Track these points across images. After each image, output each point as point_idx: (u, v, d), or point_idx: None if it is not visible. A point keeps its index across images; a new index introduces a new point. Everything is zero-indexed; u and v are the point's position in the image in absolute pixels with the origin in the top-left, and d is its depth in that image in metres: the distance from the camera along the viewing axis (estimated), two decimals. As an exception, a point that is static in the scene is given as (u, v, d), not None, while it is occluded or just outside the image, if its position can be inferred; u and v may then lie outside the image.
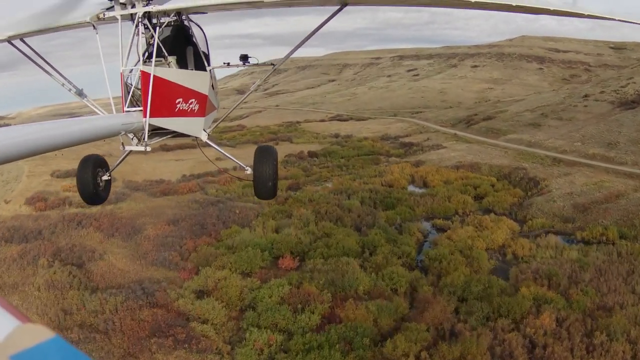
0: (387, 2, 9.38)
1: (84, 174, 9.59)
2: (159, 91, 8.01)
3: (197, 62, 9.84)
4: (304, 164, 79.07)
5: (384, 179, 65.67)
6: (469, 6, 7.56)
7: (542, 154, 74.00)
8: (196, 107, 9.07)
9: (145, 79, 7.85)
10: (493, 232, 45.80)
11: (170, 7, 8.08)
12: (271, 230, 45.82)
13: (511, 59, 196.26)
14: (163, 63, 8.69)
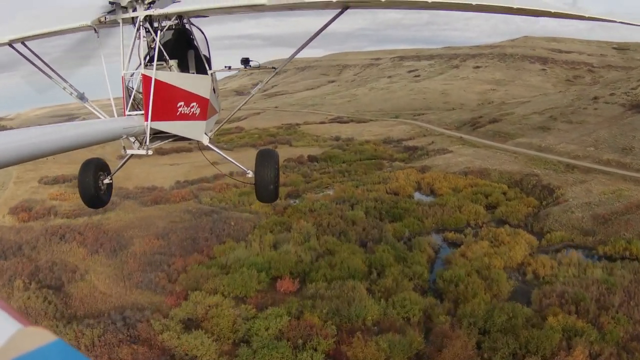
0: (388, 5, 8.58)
1: (85, 177, 9.42)
2: (161, 95, 7.95)
3: (199, 65, 9.67)
4: (304, 169, 74.98)
5: (389, 186, 61.59)
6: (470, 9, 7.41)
7: (554, 159, 69.93)
8: (197, 111, 8.94)
9: (146, 82, 7.77)
10: (511, 247, 41.80)
11: (171, 10, 7.99)
12: (269, 245, 41.70)
13: (514, 59, 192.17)
14: (164, 67, 8.58)
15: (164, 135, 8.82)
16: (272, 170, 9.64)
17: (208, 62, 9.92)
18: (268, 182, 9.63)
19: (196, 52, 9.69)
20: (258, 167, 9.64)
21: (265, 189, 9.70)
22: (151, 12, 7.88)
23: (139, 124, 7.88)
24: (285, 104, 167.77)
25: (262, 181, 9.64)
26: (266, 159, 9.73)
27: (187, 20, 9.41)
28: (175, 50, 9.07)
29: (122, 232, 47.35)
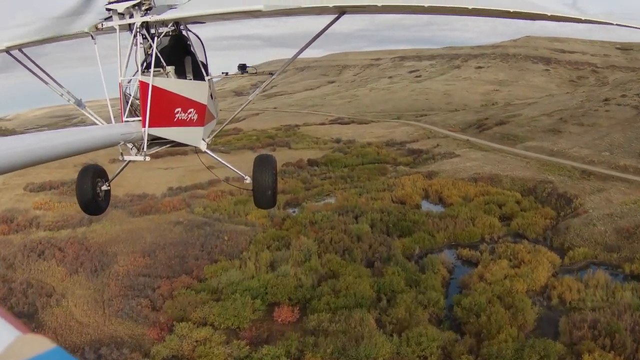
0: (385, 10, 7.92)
1: (83, 184, 9.29)
2: (158, 101, 7.88)
3: (196, 71, 9.57)
4: (304, 174, 70.68)
5: (395, 194, 57.37)
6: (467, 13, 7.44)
7: (567, 164, 65.68)
8: (195, 117, 8.84)
9: (143, 89, 7.74)
10: (533, 268, 37.63)
11: (168, 17, 7.91)
12: (265, 265, 37.43)
13: (516, 59, 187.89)
14: (161, 73, 8.42)
15: (161, 141, 8.68)
16: (269, 176, 9.40)
17: (205, 68, 9.74)
18: (266, 188, 9.39)
19: (193, 58, 9.56)
20: (256, 173, 9.40)
21: (263, 195, 9.46)
22: (148, 18, 7.78)
23: (137, 130, 7.77)
24: (284, 105, 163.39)
25: (260, 187, 9.39)
26: (264, 165, 9.50)
27: (184, 27, 9.29)
28: (172, 57, 8.94)
29: (106, 247, 43.14)
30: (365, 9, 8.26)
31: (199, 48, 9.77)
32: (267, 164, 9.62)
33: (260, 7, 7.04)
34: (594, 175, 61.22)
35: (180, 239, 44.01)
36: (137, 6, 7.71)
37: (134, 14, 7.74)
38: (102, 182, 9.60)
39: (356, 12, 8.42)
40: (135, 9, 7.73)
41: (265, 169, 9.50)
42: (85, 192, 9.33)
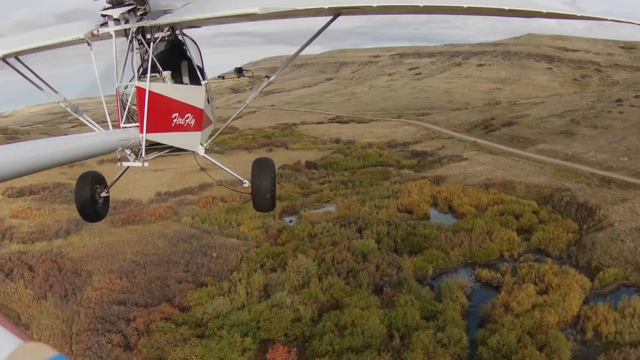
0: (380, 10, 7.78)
1: (82, 191, 9.20)
2: (155, 106, 7.84)
3: (192, 76, 9.48)
4: (302, 177, 65.75)
5: (400, 201, 52.50)
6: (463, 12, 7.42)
7: (585, 170, 60.88)
8: (192, 122, 8.75)
9: (140, 94, 7.70)
10: (564, 294, 32.87)
11: (163, 21, 7.84)
12: (257, 290, 32.52)
13: (518, 57, 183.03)
14: (158, 78, 8.34)
15: (160, 146, 8.61)
16: (268, 180, 9.23)
17: (202, 73, 9.52)
18: (265, 192, 9.23)
19: (189, 63, 9.47)
20: (254, 176, 9.24)
21: (262, 198, 9.29)
22: (143, 23, 7.77)
23: (134, 136, 7.70)
24: (281, 102, 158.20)
25: (259, 190, 9.23)
26: (262, 168, 9.29)
27: (179, 31, 9.10)
28: (169, 62, 8.84)
29: (81, 264, 38.23)
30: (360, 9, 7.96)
31: (195, 52, 9.59)
32: (266, 167, 9.35)
33: (255, 11, 6.96)
34: (614, 183, 56.42)
35: (163, 255, 39.07)
36: (133, 11, 7.62)
37: (130, 19, 7.68)
38: (100, 189, 9.43)
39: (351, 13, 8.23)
40: (131, 15, 7.65)
41: (264, 172, 9.27)
42: (84, 199, 9.15)
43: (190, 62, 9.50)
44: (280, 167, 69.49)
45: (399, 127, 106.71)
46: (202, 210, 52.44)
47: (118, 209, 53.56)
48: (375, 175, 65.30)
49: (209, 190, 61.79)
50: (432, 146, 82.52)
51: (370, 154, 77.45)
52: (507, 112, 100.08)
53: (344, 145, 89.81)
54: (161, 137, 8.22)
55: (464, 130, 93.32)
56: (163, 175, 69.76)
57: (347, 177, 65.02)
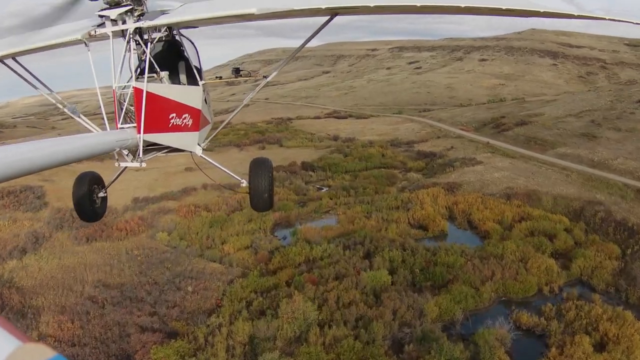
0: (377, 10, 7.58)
1: (80, 191, 9.00)
2: (152, 107, 7.70)
3: (190, 76, 9.31)
4: (297, 181, 57.52)
5: (412, 214, 44.46)
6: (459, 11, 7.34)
7: (617, 181, 52.85)
8: (190, 122, 8.62)
9: (138, 95, 7.54)
10: (627, 351, 25.05)
11: (161, 22, 7.69)
12: (241, 345, 24.33)
13: (522, 53, 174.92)
14: (155, 79, 8.14)
15: (157, 147, 8.47)
16: (266, 179, 8.92)
17: (199, 73, 9.32)
18: (262, 191, 8.86)
19: (187, 63, 9.26)
20: (252, 176, 8.90)
21: (260, 198, 8.88)
22: (141, 24, 7.56)
23: (132, 137, 7.56)
24: (276, 96, 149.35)
25: (257, 190, 8.85)
26: (260, 168, 8.98)
27: (177, 32, 9.03)
28: (166, 62, 8.64)
29: (30, 298, 30.17)
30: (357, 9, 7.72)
31: (192, 52, 9.36)
32: (264, 167, 9.03)
33: (252, 11, 6.90)
34: (654, 196, 48.60)
35: (129, 287, 30.95)
36: (130, 12, 7.49)
37: (127, 20, 7.51)
38: (98, 189, 9.25)
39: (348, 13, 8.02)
40: (128, 15, 7.50)
41: (262, 172, 8.95)
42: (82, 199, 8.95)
43: (187, 63, 9.27)
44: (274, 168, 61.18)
45: (401, 123, 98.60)
46: (182, 221, 44.27)
47: (84, 218, 45.25)
48: (380, 179, 57.14)
49: (192, 195, 53.57)
50: (439, 146, 74.43)
51: (373, 155, 69.24)
52: (518, 110, 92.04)
53: (343, 144, 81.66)
54: (159, 137, 7.98)
55: (472, 128, 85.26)
56: (145, 175, 61.44)
57: (349, 182, 56.86)
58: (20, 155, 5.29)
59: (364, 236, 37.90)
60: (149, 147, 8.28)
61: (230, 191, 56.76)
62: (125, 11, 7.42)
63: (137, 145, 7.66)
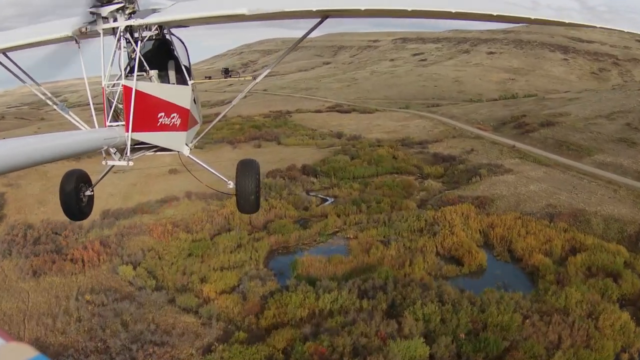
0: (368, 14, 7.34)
1: (66, 189, 8.70)
2: (141, 105, 7.47)
3: (179, 76, 8.96)
4: (297, 189, 48.13)
5: (441, 240, 35.44)
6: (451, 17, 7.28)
7: (677, 198, 43.87)
8: (178, 122, 8.31)
9: (127, 93, 7.35)
10: None
11: (152, 20, 7.49)
12: None
13: (531, 46, 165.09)
14: (145, 77, 8.00)
15: (145, 146, 8.23)
16: (253, 181, 8.54)
17: (188, 73, 8.98)
18: (249, 193, 8.50)
19: (176, 63, 8.91)
20: (239, 177, 8.55)
21: (246, 199, 8.54)
22: (132, 22, 7.40)
23: (120, 135, 7.35)
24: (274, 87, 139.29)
25: (244, 192, 8.49)
26: (247, 169, 8.62)
27: (167, 31, 8.79)
28: (156, 61, 8.50)
29: None
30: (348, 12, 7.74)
31: (182, 52, 9.08)
32: (250, 168, 8.66)
33: (243, 12, 6.78)
34: None
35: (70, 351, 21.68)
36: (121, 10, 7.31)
37: (118, 17, 7.33)
38: (85, 187, 8.94)
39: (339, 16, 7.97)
40: (119, 13, 7.33)
41: (249, 173, 8.60)
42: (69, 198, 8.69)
43: (177, 62, 8.87)
44: (270, 172, 51.92)
45: (410, 120, 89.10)
46: (155, 245, 35.08)
47: (43, 240, 36.12)
48: (395, 190, 47.85)
49: (173, 207, 44.31)
50: (457, 147, 65.15)
51: (383, 157, 59.79)
52: (539, 109, 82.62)
53: (348, 142, 72.24)
54: (147, 136, 7.75)
55: (491, 128, 75.92)
56: (123, 179, 52.39)
57: (358, 192, 47.53)
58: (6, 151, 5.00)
59: (385, 277, 28.67)
60: (137, 146, 7.96)
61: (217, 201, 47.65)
62: (116, 9, 7.18)
63: (125, 144, 7.35)
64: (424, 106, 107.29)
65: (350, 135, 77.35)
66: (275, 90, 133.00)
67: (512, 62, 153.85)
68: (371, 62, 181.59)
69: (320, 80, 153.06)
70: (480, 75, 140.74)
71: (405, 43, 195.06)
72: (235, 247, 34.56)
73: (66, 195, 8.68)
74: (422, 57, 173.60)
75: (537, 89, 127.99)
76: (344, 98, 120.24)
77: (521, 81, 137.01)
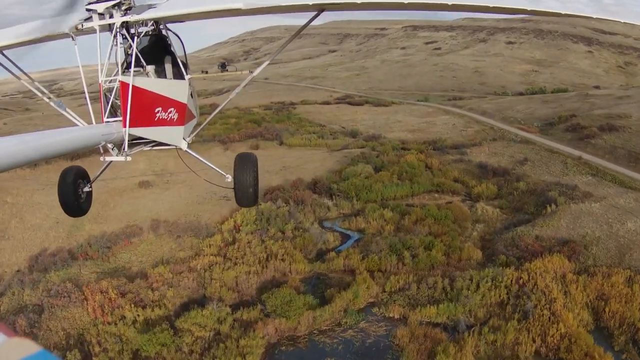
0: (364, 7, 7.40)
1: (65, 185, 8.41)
2: (138, 101, 7.21)
3: (175, 70, 8.67)
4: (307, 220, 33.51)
5: (540, 332, 20.90)
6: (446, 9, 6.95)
7: None
8: (175, 116, 8.00)
9: (124, 89, 7.08)
10: None
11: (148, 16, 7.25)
12: None
13: (553, 37, 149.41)
14: (141, 73, 7.77)
15: (143, 141, 7.94)
16: (251, 174, 8.33)
17: (185, 67, 8.61)
18: (247, 186, 8.28)
19: (173, 58, 8.63)
20: (237, 171, 8.31)
21: (244, 193, 8.30)
22: (128, 18, 7.12)
23: (118, 131, 7.07)
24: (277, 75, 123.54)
25: (242, 185, 8.29)
26: (245, 163, 8.38)
27: (163, 26, 8.48)
28: (152, 56, 8.21)
29: None
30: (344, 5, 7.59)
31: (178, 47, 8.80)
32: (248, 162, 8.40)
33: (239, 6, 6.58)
34: None
35: None
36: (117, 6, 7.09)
37: (114, 14, 7.10)
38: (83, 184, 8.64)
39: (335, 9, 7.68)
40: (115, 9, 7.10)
41: (247, 167, 8.36)
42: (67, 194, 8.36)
43: (173, 57, 8.56)
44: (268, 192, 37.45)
45: (434, 115, 74.25)
46: (88, 327, 20.57)
47: None
48: (444, 222, 33.12)
49: (133, 246, 30.22)
50: (503, 155, 50.57)
51: (414, 166, 45.09)
52: (587, 107, 67.75)
53: (366, 142, 57.72)
54: (144, 131, 7.44)
55: (536, 129, 61.12)
56: None
57: (393, 225, 32.86)
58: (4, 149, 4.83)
59: None
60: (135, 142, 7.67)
61: (192, 238, 33.35)
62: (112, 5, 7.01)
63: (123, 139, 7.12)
64: (445, 99, 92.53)
65: (368, 134, 62.65)
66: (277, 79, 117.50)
67: (533, 53, 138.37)
68: (380, 50, 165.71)
69: (327, 69, 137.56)
70: (501, 66, 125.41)
71: (417, 31, 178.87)
72: (210, 340, 20.06)
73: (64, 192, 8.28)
74: (435, 45, 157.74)
75: (564, 83, 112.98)
76: (353, 88, 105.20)
77: (545, 73, 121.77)
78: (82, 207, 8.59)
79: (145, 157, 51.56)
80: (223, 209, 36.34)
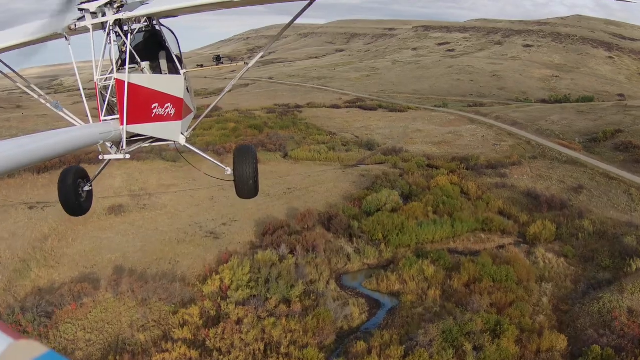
0: None
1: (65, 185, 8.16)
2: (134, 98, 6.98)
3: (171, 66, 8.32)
4: (320, 282, 24.38)
5: None
6: None
7: None
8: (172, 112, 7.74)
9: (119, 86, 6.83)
10: None
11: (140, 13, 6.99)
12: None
13: (572, 41, 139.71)
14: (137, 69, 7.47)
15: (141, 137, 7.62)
16: (250, 166, 8.00)
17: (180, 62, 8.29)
18: (247, 178, 7.97)
19: (167, 53, 8.26)
20: (236, 163, 8.00)
21: (245, 185, 7.98)
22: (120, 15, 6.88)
23: (115, 129, 6.84)
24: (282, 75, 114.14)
25: (242, 177, 7.97)
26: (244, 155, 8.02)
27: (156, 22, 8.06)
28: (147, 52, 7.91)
29: None
30: None
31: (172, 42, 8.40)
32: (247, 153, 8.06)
33: None
34: None
35: None
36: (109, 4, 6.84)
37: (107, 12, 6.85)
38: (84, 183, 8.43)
39: None
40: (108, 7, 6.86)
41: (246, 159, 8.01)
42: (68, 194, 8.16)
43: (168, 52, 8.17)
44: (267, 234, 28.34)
45: (458, 124, 64.99)
46: None
47: None
48: (506, 285, 23.93)
49: (78, 316, 20.83)
50: (550, 179, 41.59)
51: (451, 195, 35.92)
52: (630, 120, 58.56)
53: (385, 157, 48.64)
54: (142, 128, 7.21)
55: (579, 146, 51.90)
56: (36, 222, 30.25)
57: (439, 289, 23.67)
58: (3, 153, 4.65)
59: None
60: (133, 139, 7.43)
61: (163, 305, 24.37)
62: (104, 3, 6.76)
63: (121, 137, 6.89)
64: (464, 105, 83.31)
65: (386, 146, 53.45)
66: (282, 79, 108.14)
67: (552, 58, 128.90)
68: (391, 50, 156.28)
69: (335, 69, 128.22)
70: (519, 70, 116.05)
71: (428, 31, 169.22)
72: None
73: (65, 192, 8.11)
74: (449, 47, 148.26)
75: (586, 90, 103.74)
76: (364, 90, 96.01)
77: (566, 79, 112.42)
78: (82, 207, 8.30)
79: (124, 172, 42.55)
80: (208, 252, 27.23)
